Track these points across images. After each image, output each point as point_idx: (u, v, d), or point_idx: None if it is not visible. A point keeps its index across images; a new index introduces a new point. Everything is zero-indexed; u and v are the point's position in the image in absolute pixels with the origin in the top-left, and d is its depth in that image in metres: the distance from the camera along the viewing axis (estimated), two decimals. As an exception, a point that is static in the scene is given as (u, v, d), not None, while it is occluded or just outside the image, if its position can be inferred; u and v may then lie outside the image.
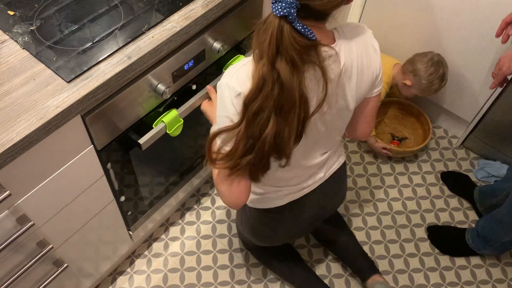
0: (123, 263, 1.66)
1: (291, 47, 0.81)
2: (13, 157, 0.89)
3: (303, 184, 1.19)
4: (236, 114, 0.90)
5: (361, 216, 1.80)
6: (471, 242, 1.65)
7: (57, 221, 1.15)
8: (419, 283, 1.65)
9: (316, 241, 1.72)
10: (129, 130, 1.17)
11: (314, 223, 1.36)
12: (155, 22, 1.10)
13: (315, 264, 1.68)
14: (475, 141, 1.96)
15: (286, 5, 0.79)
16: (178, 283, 1.62)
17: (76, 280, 1.40)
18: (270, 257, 1.60)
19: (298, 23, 0.80)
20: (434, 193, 1.88)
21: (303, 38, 0.82)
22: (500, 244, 1.56)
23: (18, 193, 0.99)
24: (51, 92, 0.95)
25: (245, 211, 1.34)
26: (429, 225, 1.78)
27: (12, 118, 0.90)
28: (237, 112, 0.89)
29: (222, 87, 0.93)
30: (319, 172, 1.20)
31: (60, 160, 1.04)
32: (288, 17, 0.79)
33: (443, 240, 1.73)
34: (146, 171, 1.36)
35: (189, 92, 1.29)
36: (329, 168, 1.23)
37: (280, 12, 0.79)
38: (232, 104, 0.90)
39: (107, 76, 0.99)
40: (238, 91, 0.89)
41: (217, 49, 1.25)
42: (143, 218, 1.51)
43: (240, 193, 0.98)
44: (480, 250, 1.65)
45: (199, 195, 1.84)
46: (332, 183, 1.26)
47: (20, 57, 1.00)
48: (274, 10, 0.80)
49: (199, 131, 1.50)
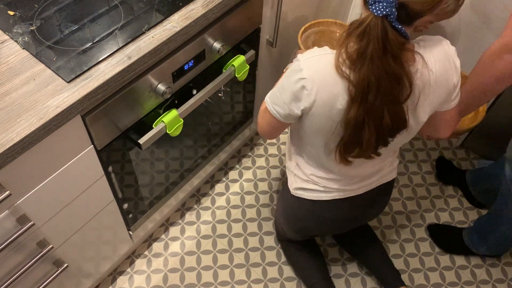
0: (123, 263, 1.66)
1: (395, 45, 0.86)
2: (13, 157, 0.89)
3: (352, 186, 1.21)
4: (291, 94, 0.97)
5: (361, 216, 1.81)
6: (467, 239, 1.66)
7: (57, 221, 1.15)
8: (419, 283, 1.65)
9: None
10: (129, 130, 1.17)
11: (347, 226, 1.39)
12: (155, 22, 1.10)
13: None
14: (475, 141, 1.96)
15: (388, 4, 0.82)
16: (178, 283, 1.62)
17: (76, 280, 1.40)
18: (296, 254, 1.60)
19: (397, 23, 0.84)
20: (434, 193, 1.88)
21: (401, 37, 0.86)
22: (495, 240, 1.56)
23: (18, 193, 0.99)
24: (51, 92, 0.95)
25: (288, 199, 1.35)
26: (429, 224, 1.78)
27: (12, 118, 0.90)
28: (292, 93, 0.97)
29: (295, 62, 0.98)
30: (368, 179, 1.21)
31: (60, 160, 1.04)
32: (390, 16, 0.83)
33: (442, 237, 1.73)
34: (146, 171, 1.36)
35: (189, 92, 1.30)
36: (380, 179, 1.24)
37: (382, 11, 0.82)
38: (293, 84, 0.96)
39: (107, 76, 0.99)
40: (305, 77, 0.94)
41: (217, 49, 1.25)
42: (143, 218, 1.51)
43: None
44: (475, 248, 1.65)
45: (199, 195, 1.84)
46: (376, 193, 1.27)
47: (20, 57, 1.00)
48: (375, 11, 0.83)
49: (199, 131, 1.50)
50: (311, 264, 1.56)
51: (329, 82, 0.93)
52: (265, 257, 1.69)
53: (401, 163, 1.96)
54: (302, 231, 1.42)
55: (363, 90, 0.90)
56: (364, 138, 0.96)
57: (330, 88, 0.93)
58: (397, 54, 0.87)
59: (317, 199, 1.24)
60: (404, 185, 1.90)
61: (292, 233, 1.48)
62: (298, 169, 1.24)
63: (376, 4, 0.83)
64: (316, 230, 1.41)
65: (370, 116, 0.93)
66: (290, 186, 1.29)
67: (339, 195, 1.22)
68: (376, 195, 1.27)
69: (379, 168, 1.21)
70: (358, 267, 1.68)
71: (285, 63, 1.76)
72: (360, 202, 1.26)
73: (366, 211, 1.33)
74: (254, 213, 1.80)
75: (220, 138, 1.66)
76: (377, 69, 0.87)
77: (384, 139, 0.99)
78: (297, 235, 1.50)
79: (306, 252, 1.59)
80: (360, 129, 0.95)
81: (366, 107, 0.91)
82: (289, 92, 0.99)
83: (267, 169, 1.93)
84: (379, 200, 1.32)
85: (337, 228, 1.41)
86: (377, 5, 0.83)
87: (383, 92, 0.90)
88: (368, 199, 1.27)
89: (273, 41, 1.50)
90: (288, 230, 1.47)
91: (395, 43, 0.86)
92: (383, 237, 1.75)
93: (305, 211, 1.30)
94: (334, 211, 1.27)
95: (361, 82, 0.89)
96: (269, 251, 1.71)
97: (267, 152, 1.98)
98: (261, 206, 1.82)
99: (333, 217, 1.29)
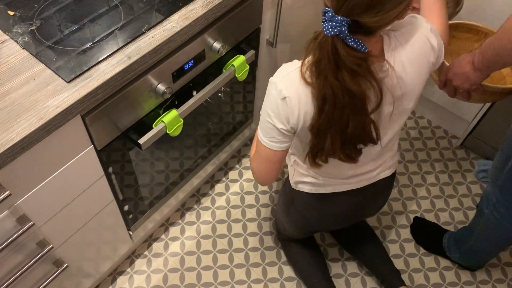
0: (123, 263, 1.66)
1: (349, 61, 0.84)
2: (13, 157, 0.89)
3: (351, 180, 1.21)
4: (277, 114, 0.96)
5: (361, 216, 1.81)
6: (445, 242, 1.67)
7: (57, 221, 1.15)
8: (419, 283, 1.65)
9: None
10: (129, 130, 1.17)
11: (347, 221, 1.39)
12: (155, 22, 1.10)
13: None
14: (475, 141, 1.96)
15: (337, 24, 0.81)
16: (178, 283, 1.62)
17: (76, 280, 1.40)
18: (297, 253, 1.60)
19: (350, 39, 0.83)
20: (434, 193, 1.88)
21: (357, 52, 0.84)
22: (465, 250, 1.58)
23: (18, 193, 0.99)
24: (51, 92, 0.95)
25: (289, 193, 1.35)
26: (415, 216, 1.79)
27: (12, 118, 0.90)
28: (279, 113, 0.96)
29: (271, 84, 0.98)
30: (370, 173, 1.21)
31: (60, 160, 1.04)
32: (339, 35, 0.82)
33: (422, 232, 1.74)
34: (146, 171, 1.36)
35: (189, 92, 1.30)
36: (380, 173, 1.24)
37: (331, 31, 0.81)
38: (276, 104, 0.96)
39: (107, 76, 0.99)
40: (285, 95, 0.93)
41: (217, 49, 1.25)
42: (143, 218, 1.51)
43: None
44: (449, 252, 1.66)
45: (199, 195, 1.84)
46: (377, 188, 1.27)
47: (20, 57, 1.00)
48: (325, 30, 0.82)
49: (199, 131, 1.50)
50: (312, 264, 1.57)
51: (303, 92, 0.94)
52: (265, 257, 1.69)
53: (401, 163, 1.96)
54: (303, 226, 1.42)
55: (322, 102, 0.90)
56: (325, 145, 0.97)
57: (305, 99, 0.94)
58: (355, 68, 0.85)
59: (316, 192, 1.24)
60: (404, 185, 1.90)
61: (293, 229, 1.48)
62: (296, 164, 1.25)
63: (326, 23, 0.82)
64: (317, 225, 1.40)
65: (332, 125, 0.93)
66: (291, 179, 1.29)
67: (339, 189, 1.22)
68: (377, 189, 1.27)
69: (380, 163, 1.21)
70: (358, 267, 1.68)
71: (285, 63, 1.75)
72: (360, 196, 1.26)
73: (366, 206, 1.33)
74: (254, 213, 1.80)
75: (220, 138, 1.66)
76: (331, 84, 0.87)
77: (353, 146, 0.99)
78: (299, 232, 1.49)
79: (307, 251, 1.59)
80: (323, 136, 0.96)
81: (328, 117, 0.92)
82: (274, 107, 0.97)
83: (267, 169, 1.92)
84: (379, 195, 1.31)
85: (338, 223, 1.41)
86: (327, 24, 0.82)
87: (340, 105, 0.89)
88: (369, 193, 1.26)
89: (273, 41, 1.50)
90: (289, 226, 1.47)
91: (349, 59, 0.84)
92: (383, 237, 1.75)
93: (305, 204, 1.30)
94: (334, 205, 1.27)
95: (318, 94, 0.90)
96: (269, 251, 1.71)
97: (267, 152, 1.98)
98: (261, 206, 1.82)
99: (333, 211, 1.29)
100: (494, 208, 1.34)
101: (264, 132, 1.02)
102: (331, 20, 0.81)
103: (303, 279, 1.60)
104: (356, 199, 1.26)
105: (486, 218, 1.39)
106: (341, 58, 0.84)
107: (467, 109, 1.88)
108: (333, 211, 1.29)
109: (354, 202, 1.27)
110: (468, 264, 1.66)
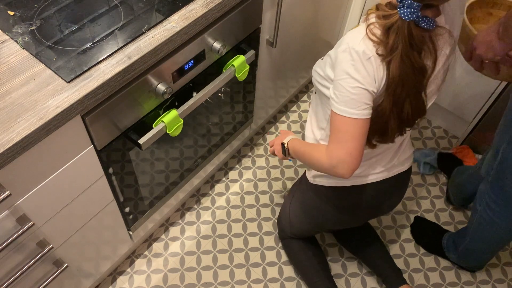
0: (123, 263, 1.66)
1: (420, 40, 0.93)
2: (13, 157, 0.89)
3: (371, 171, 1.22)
4: (366, 76, 0.96)
5: (361, 216, 1.81)
6: (444, 242, 1.67)
7: (57, 221, 1.15)
8: (419, 283, 1.65)
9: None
10: (129, 130, 1.17)
11: (364, 217, 1.41)
12: (155, 22, 1.10)
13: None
14: (475, 141, 1.96)
15: (414, 10, 0.88)
16: (178, 283, 1.62)
17: (76, 280, 1.40)
18: (299, 252, 1.59)
19: (422, 21, 0.90)
20: (434, 193, 1.88)
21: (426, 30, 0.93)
22: (461, 250, 1.58)
23: (18, 193, 0.99)
24: (51, 92, 0.95)
25: (306, 189, 1.34)
26: (415, 216, 1.79)
27: (12, 118, 0.90)
28: (367, 74, 0.96)
29: (348, 52, 0.96)
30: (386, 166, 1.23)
31: (60, 160, 1.04)
32: (415, 20, 0.90)
33: (422, 232, 1.75)
34: (146, 171, 1.36)
35: (189, 92, 1.30)
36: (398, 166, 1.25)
37: (410, 17, 0.89)
38: (362, 66, 0.96)
39: (107, 76, 0.99)
40: (369, 55, 0.95)
41: (217, 49, 1.25)
42: (143, 218, 1.51)
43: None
44: (448, 252, 1.66)
45: (199, 195, 1.84)
46: (394, 183, 1.27)
47: (20, 57, 1.00)
48: (403, 15, 0.89)
49: (199, 131, 1.50)
50: (314, 263, 1.56)
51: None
52: (265, 257, 1.69)
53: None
54: (318, 223, 1.42)
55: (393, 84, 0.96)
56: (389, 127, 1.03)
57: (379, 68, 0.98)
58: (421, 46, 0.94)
59: (335, 186, 1.24)
60: (404, 185, 1.90)
61: (305, 226, 1.47)
62: None
63: (404, 9, 0.89)
64: (334, 221, 1.38)
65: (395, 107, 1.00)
66: (308, 175, 1.30)
67: (357, 182, 1.22)
68: (394, 184, 1.28)
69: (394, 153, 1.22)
70: (358, 267, 1.68)
71: (285, 63, 1.76)
72: (378, 190, 1.26)
73: (384, 201, 1.32)
74: (254, 213, 1.80)
75: (220, 138, 1.66)
76: (404, 65, 0.94)
77: (403, 129, 1.07)
78: (311, 229, 1.49)
79: (309, 250, 1.58)
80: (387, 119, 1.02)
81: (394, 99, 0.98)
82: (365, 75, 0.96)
83: (267, 169, 1.93)
84: (396, 190, 1.32)
85: (353, 219, 1.39)
86: (404, 10, 0.89)
87: (408, 86, 0.97)
88: (386, 188, 1.27)
89: (273, 41, 1.50)
90: (303, 224, 1.46)
91: (420, 38, 0.92)
92: (383, 237, 1.75)
93: (325, 199, 1.30)
94: (352, 198, 1.27)
95: (391, 76, 0.95)
96: (269, 251, 1.71)
97: (267, 152, 1.98)
98: (261, 206, 1.82)
99: (351, 204, 1.29)
100: (487, 205, 1.34)
101: (352, 104, 0.97)
102: (409, 6, 0.89)
103: (304, 278, 1.60)
104: (374, 193, 1.26)
105: (479, 215, 1.40)
106: (414, 39, 0.92)
107: (467, 109, 1.88)
108: (351, 204, 1.29)
109: (371, 198, 1.27)
110: (466, 265, 1.66)
